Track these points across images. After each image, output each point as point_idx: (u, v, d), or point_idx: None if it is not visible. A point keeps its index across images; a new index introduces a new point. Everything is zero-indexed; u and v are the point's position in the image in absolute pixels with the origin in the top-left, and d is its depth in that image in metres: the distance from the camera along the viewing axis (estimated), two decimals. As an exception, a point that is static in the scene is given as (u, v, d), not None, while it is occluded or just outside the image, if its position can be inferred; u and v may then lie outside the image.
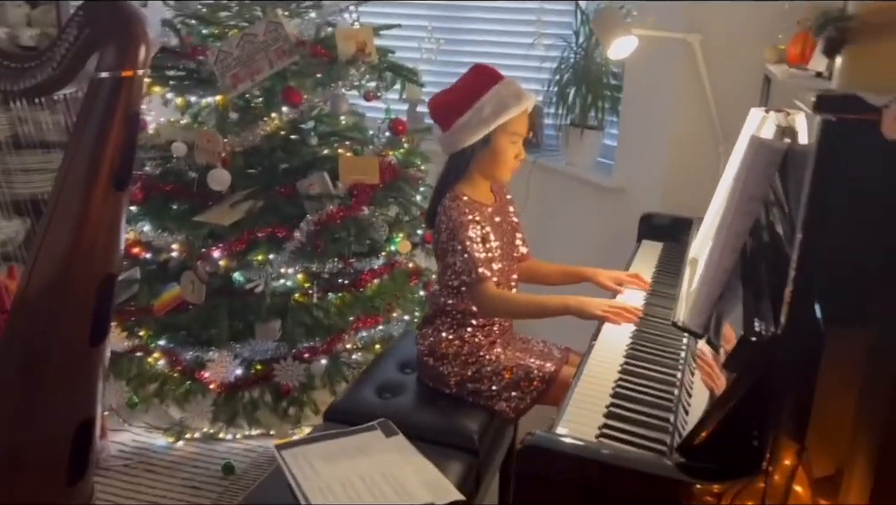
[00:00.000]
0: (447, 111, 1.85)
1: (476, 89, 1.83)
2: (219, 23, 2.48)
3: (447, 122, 1.85)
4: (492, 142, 1.84)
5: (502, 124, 1.82)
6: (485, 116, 1.80)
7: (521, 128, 1.87)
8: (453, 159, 1.89)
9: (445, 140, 1.88)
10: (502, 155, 1.86)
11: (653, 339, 1.62)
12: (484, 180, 1.93)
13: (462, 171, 1.87)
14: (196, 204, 2.38)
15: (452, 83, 1.93)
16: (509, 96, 1.82)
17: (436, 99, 1.90)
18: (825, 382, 0.93)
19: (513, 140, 1.86)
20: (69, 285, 1.61)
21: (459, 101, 1.83)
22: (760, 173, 1.19)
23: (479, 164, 1.87)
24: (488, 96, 1.81)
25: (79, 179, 1.58)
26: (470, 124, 1.81)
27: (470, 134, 1.82)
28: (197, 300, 2.30)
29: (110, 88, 1.54)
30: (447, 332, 1.90)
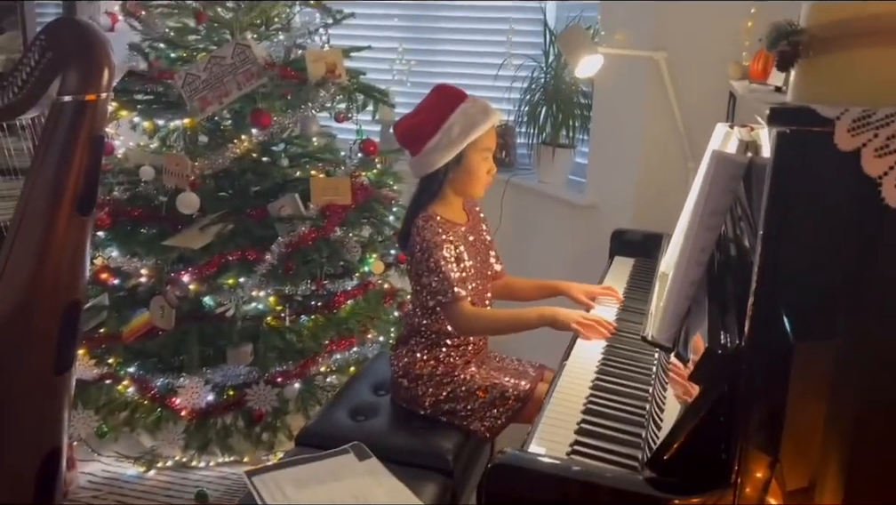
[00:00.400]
0: (415, 135, 1.85)
1: (442, 110, 1.83)
2: (187, 47, 2.48)
3: (416, 146, 1.85)
4: (464, 160, 1.84)
5: (472, 141, 1.82)
6: (455, 135, 1.81)
7: (490, 143, 1.88)
8: (426, 180, 1.89)
9: (417, 164, 1.87)
10: (475, 172, 1.86)
11: (625, 354, 1.63)
12: (456, 197, 1.93)
13: (436, 191, 1.88)
14: (166, 228, 2.36)
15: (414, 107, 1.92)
16: (476, 113, 1.83)
17: (402, 123, 1.89)
18: (795, 393, 0.93)
19: (484, 155, 1.87)
20: (33, 313, 1.58)
21: (426, 124, 1.83)
22: (722, 188, 1.20)
23: (453, 182, 1.88)
24: (455, 115, 1.81)
25: (42, 203, 1.55)
26: (441, 146, 1.81)
27: (441, 156, 1.82)
28: (167, 325, 2.27)
29: (73, 112, 1.52)
30: (421, 353, 1.89)
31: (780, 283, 0.91)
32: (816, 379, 0.93)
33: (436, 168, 1.84)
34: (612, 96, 2.80)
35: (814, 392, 0.93)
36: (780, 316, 0.91)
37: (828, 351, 0.92)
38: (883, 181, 0.83)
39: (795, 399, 0.93)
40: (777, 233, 0.88)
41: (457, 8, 3.58)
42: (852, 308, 0.90)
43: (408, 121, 1.88)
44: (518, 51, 3.38)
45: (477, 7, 3.53)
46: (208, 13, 2.43)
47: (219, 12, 2.47)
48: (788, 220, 0.88)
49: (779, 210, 0.88)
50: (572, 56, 2.34)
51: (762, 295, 0.92)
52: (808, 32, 0.90)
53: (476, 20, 3.55)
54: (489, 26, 3.52)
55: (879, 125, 0.82)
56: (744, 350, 0.94)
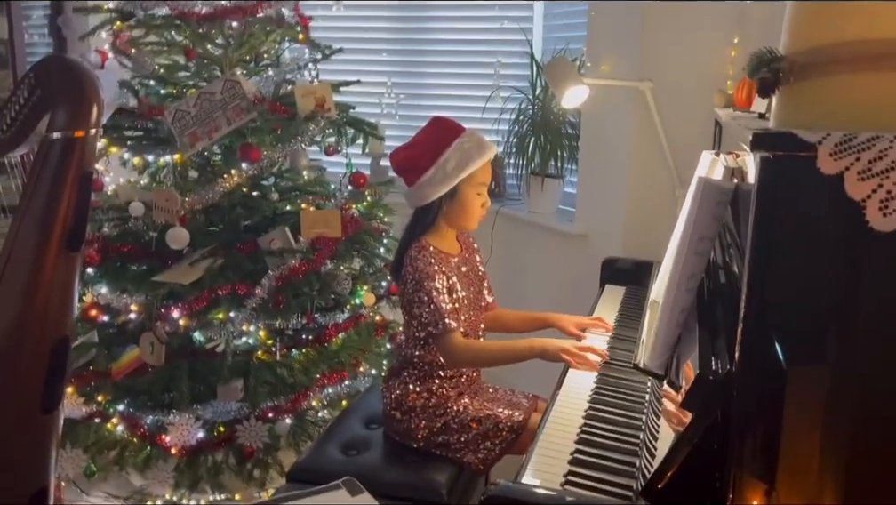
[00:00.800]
0: (410, 167, 1.86)
1: (438, 143, 1.84)
2: (177, 83, 2.50)
3: (411, 177, 1.86)
4: (458, 194, 1.85)
5: (467, 175, 1.83)
6: (449, 170, 1.81)
7: (485, 177, 1.89)
8: (420, 211, 1.89)
9: (411, 195, 1.88)
10: (469, 205, 1.87)
11: (617, 382, 1.62)
12: (450, 229, 1.93)
13: (430, 223, 1.88)
14: (155, 263, 2.35)
15: (412, 136, 1.94)
16: (472, 148, 1.83)
17: (397, 154, 1.90)
18: (789, 419, 0.92)
19: (478, 190, 1.88)
20: (19, 351, 1.56)
21: (421, 157, 1.84)
22: (709, 214, 1.20)
23: (447, 215, 1.88)
24: (451, 150, 1.82)
25: (30, 241, 1.54)
26: (435, 180, 1.82)
27: (436, 189, 1.83)
28: (157, 362, 2.25)
29: (62, 149, 1.52)
30: (414, 385, 1.88)
31: (769, 307, 0.91)
32: (809, 403, 0.92)
33: (429, 201, 1.84)
34: (600, 126, 2.83)
35: (807, 417, 0.93)
36: (770, 341, 0.91)
37: (820, 375, 0.92)
38: (866, 204, 0.83)
39: (788, 425, 0.93)
40: (764, 258, 0.89)
41: (445, 42, 3.63)
42: (843, 331, 0.90)
43: (404, 152, 1.89)
44: (506, 83, 3.42)
45: (465, 41, 3.58)
46: (198, 50, 2.45)
47: (208, 48, 2.50)
48: (775, 245, 0.88)
49: (764, 235, 0.88)
50: (558, 87, 2.36)
51: (751, 320, 0.91)
52: (788, 59, 0.91)
53: (464, 53, 3.60)
54: (476, 59, 3.56)
55: (861, 149, 0.83)
56: (735, 376, 0.94)
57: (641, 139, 2.63)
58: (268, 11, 2.46)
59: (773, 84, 0.90)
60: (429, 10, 3.62)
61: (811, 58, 0.89)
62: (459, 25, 3.59)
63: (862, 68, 0.86)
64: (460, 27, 3.58)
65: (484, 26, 3.53)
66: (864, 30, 0.87)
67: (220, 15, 2.38)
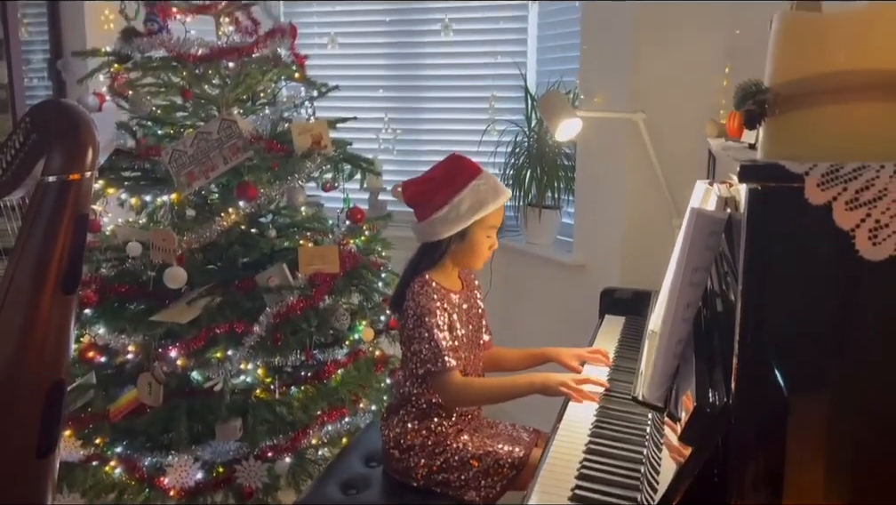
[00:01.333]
0: (424, 202, 1.84)
1: (454, 182, 1.83)
2: (174, 123, 2.52)
3: (423, 212, 1.85)
4: (468, 235, 1.84)
5: (480, 218, 1.82)
6: (463, 211, 1.80)
7: (497, 221, 1.89)
8: (427, 246, 1.88)
9: (421, 230, 1.87)
10: (478, 247, 1.87)
11: (618, 415, 1.60)
12: (454, 267, 1.93)
13: (435, 260, 1.87)
14: (153, 303, 2.34)
15: (426, 171, 1.91)
16: (487, 191, 1.83)
17: (411, 187, 1.88)
18: (789, 449, 0.91)
19: (488, 233, 1.87)
20: (14, 395, 1.55)
21: (436, 194, 1.82)
22: (703, 244, 1.20)
23: (454, 253, 1.87)
24: (467, 191, 1.81)
25: (26, 283, 1.54)
26: (448, 218, 1.81)
27: (447, 228, 1.81)
28: (155, 402, 2.23)
29: (57, 191, 1.53)
30: (412, 423, 1.86)
31: (764, 337, 0.91)
32: (807, 432, 0.92)
33: (439, 238, 1.83)
34: (595, 157, 2.84)
35: (808, 446, 0.92)
36: (765, 371, 0.90)
37: (817, 404, 0.91)
38: (855, 234, 0.83)
39: (789, 455, 0.92)
40: (756, 289, 0.88)
41: (440, 77, 3.67)
42: (838, 361, 0.89)
43: (419, 186, 1.87)
44: (501, 116, 3.46)
45: (460, 76, 3.62)
46: (195, 90, 2.47)
47: (205, 89, 2.52)
48: (766, 276, 0.88)
49: (756, 266, 0.88)
50: (551, 121, 2.38)
51: (746, 352, 0.91)
52: (773, 91, 0.92)
53: (459, 87, 3.63)
54: (472, 94, 3.60)
55: (848, 179, 0.83)
56: (732, 407, 0.93)
57: (636, 169, 2.64)
58: (264, 50, 2.49)
59: (759, 115, 0.91)
60: (424, 46, 3.67)
61: (795, 89, 0.90)
62: (453, 60, 3.63)
63: (846, 98, 0.87)
64: (455, 62, 3.63)
65: (478, 61, 3.57)
66: (847, 61, 0.88)
67: (216, 56, 2.40)
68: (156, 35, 2.38)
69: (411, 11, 3.68)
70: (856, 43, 0.88)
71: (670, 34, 2.56)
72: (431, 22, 3.61)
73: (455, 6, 3.55)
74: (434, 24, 3.59)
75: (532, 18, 3.46)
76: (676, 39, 2.57)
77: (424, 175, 1.90)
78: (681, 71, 2.58)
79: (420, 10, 3.65)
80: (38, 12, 3.47)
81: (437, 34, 3.58)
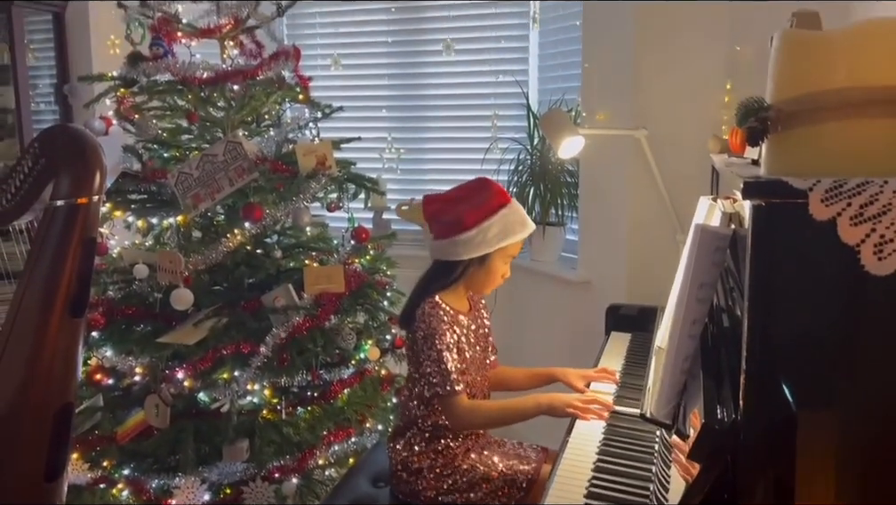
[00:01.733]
0: (447, 220, 1.82)
1: (486, 206, 1.81)
2: (179, 146, 2.54)
3: (444, 230, 1.83)
4: (487, 261, 1.84)
5: (502, 247, 1.82)
6: (490, 237, 1.79)
7: (516, 252, 1.89)
8: (442, 265, 1.86)
9: (440, 248, 1.84)
10: (494, 274, 1.87)
11: (626, 432, 1.60)
12: (464, 289, 1.92)
13: (450, 282, 1.85)
14: (160, 325, 2.35)
15: (451, 189, 1.89)
16: (516, 222, 1.83)
17: (435, 204, 1.86)
18: (799, 465, 0.91)
19: (506, 261, 1.88)
20: (23, 419, 1.55)
21: (467, 215, 1.80)
22: (708, 260, 1.21)
23: (469, 277, 1.86)
24: (496, 218, 1.80)
25: (34, 307, 1.55)
26: (474, 242, 1.79)
27: (469, 251, 1.80)
28: (162, 424, 2.23)
29: (65, 215, 1.54)
30: (419, 445, 1.85)
31: (771, 353, 0.91)
32: (817, 448, 0.91)
33: (460, 258, 1.82)
34: (598, 174, 2.86)
35: (818, 461, 0.91)
36: (774, 386, 0.90)
37: (826, 419, 0.91)
38: (861, 249, 0.84)
39: (799, 470, 0.91)
40: (762, 305, 0.89)
41: (442, 97, 3.70)
42: (847, 375, 0.89)
43: (443, 203, 1.85)
44: (503, 134, 3.48)
45: (462, 95, 3.65)
46: (200, 113, 2.49)
47: (210, 111, 2.54)
48: (772, 292, 0.88)
49: (762, 282, 0.89)
50: (553, 139, 2.40)
51: (753, 367, 0.91)
52: (775, 108, 0.93)
53: (462, 107, 3.66)
54: (474, 112, 3.62)
55: (851, 195, 0.84)
56: (740, 424, 0.93)
57: (639, 185, 2.65)
58: (269, 73, 2.52)
59: (761, 132, 0.92)
60: (426, 66, 3.70)
61: (797, 106, 0.90)
62: (455, 80, 3.66)
63: (848, 115, 0.88)
64: (457, 81, 3.66)
65: (480, 80, 3.60)
66: (847, 78, 0.89)
67: (221, 79, 2.43)
68: (162, 59, 2.41)
69: (413, 32, 3.71)
70: (856, 59, 0.89)
71: (671, 50, 2.58)
72: (433, 43, 3.64)
73: (456, 27, 3.59)
74: (436, 44, 3.63)
75: (532, 37, 3.49)
76: (678, 55, 2.58)
77: (449, 193, 1.88)
78: (682, 87, 2.59)
79: (421, 31, 3.69)
80: (45, 38, 3.51)
81: (439, 54, 3.61)
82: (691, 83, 2.59)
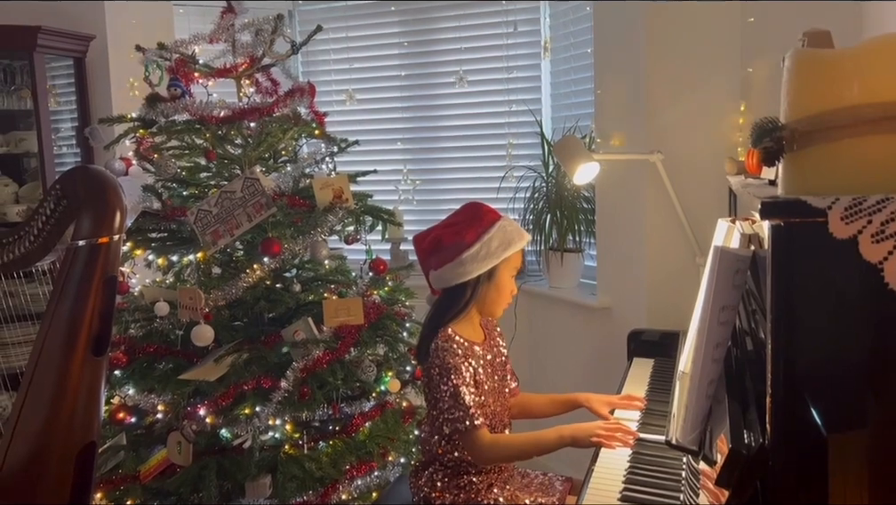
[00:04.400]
0: (452, 242, 1.82)
1: (480, 222, 1.83)
2: (198, 184, 2.57)
3: (446, 256, 1.81)
4: (496, 275, 1.83)
5: (506, 258, 1.82)
6: (493, 248, 1.80)
7: (520, 262, 1.89)
8: (451, 293, 1.84)
9: (447, 273, 1.81)
10: (504, 288, 1.86)
11: (651, 460, 1.57)
12: (476, 315, 1.91)
13: (462, 308, 1.83)
14: (181, 361, 2.36)
15: (440, 221, 1.91)
16: (513, 231, 1.84)
17: (431, 233, 1.86)
18: (835, 488, 0.89)
19: (512, 274, 1.87)
20: (47, 458, 1.56)
21: (464, 234, 1.81)
22: (728, 283, 1.19)
23: (480, 297, 1.84)
24: (495, 230, 1.81)
25: (57, 347, 1.57)
26: (479, 256, 1.79)
27: (478, 266, 1.79)
28: (185, 461, 2.23)
29: (87, 255, 1.56)
30: (441, 482, 1.83)
31: (797, 375, 0.89)
32: (848, 471, 0.89)
33: (469, 277, 1.80)
34: (614, 199, 2.85)
35: (850, 485, 0.89)
36: (801, 409, 0.89)
37: (857, 440, 0.89)
38: (884, 266, 0.83)
39: (831, 494, 0.89)
40: (785, 326, 0.87)
41: (456, 128, 3.73)
42: (875, 394, 0.87)
43: (440, 231, 1.86)
44: (518, 162, 3.49)
45: (476, 126, 3.67)
46: (218, 151, 2.53)
47: (228, 149, 2.58)
48: (794, 312, 0.87)
49: (784, 302, 0.87)
50: (568, 165, 2.40)
51: (779, 389, 0.89)
52: (789, 127, 0.92)
53: (476, 137, 3.68)
54: (488, 142, 3.64)
55: (872, 212, 0.83)
56: (768, 448, 0.91)
57: (657, 209, 2.64)
58: (285, 109, 2.55)
59: (777, 152, 0.91)
60: (440, 98, 3.74)
61: (812, 125, 0.90)
62: (469, 111, 3.69)
63: (863, 131, 0.87)
64: (471, 112, 3.69)
65: (493, 110, 3.62)
66: (861, 95, 0.88)
67: (238, 117, 2.47)
68: (180, 99, 2.45)
69: (425, 65, 3.76)
70: (869, 75, 0.88)
71: (684, 74, 2.59)
72: (446, 75, 3.68)
73: (469, 58, 3.63)
74: (448, 77, 3.66)
75: (544, 66, 3.51)
76: (690, 79, 2.59)
77: (440, 223, 1.89)
78: (696, 110, 2.59)
79: (434, 63, 3.73)
80: (66, 83, 3.59)
81: (452, 86, 3.65)
82: (704, 105, 2.59)
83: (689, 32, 2.57)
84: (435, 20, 3.71)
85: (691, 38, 2.57)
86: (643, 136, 2.64)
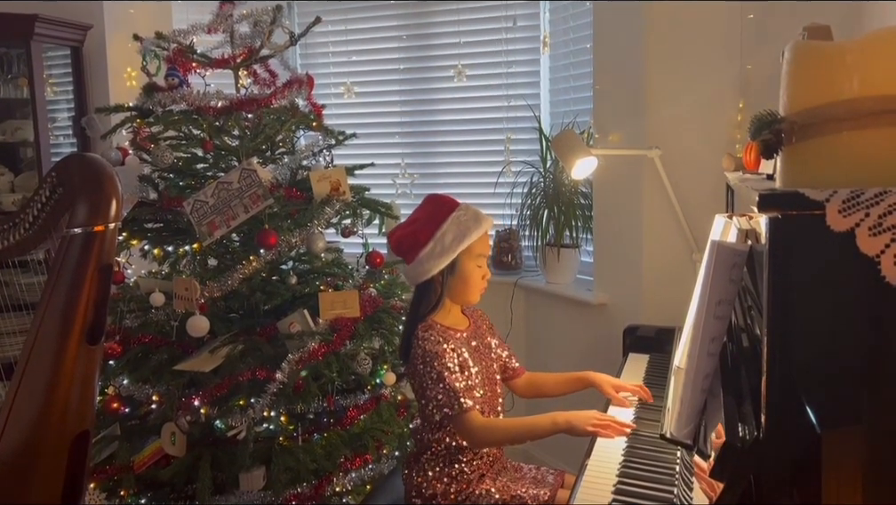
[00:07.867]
0: (410, 244, 1.86)
1: (435, 218, 1.85)
2: (195, 174, 2.56)
3: (410, 254, 1.86)
4: (458, 267, 1.85)
5: (466, 248, 1.83)
6: (448, 243, 1.82)
7: (484, 249, 1.89)
8: (422, 289, 1.88)
9: (412, 272, 1.87)
10: (469, 278, 1.87)
11: (646, 454, 1.57)
12: (454, 304, 1.92)
13: (434, 302, 1.87)
14: (176, 352, 2.36)
15: (408, 217, 1.94)
16: (468, 220, 1.84)
17: (395, 233, 1.91)
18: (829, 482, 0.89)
19: (478, 262, 1.87)
20: (41, 446, 1.56)
21: (419, 233, 1.84)
22: (725, 277, 1.19)
23: (449, 289, 1.87)
24: (448, 224, 1.83)
25: (51, 335, 1.56)
26: (434, 253, 1.82)
27: (435, 263, 1.82)
28: (179, 452, 2.23)
29: (82, 243, 1.56)
30: (434, 471, 1.83)
31: (792, 368, 0.89)
32: (842, 465, 0.89)
33: (430, 276, 1.83)
34: (612, 194, 2.85)
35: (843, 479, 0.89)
36: (796, 402, 0.89)
37: (851, 434, 0.89)
38: (881, 259, 0.82)
39: (824, 488, 0.89)
40: (781, 318, 0.87)
41: (455, 122, 3.72)
42: (870, 388, 0.87)
43: (402, 230, 1.89)
44: (516, 157, 3.48)
45: (474, 120, 3.66)
46: (215, 142, 2.52)
47: (225, 140, 2.57)
48: (791, 305, 0.87)
49: (780, 295, 0.87)
50: (566, 160, 2.39)
51: (774, 383, 0.89)
52: (788, 120, 0.92)
53: (474, 131, 3.67)
54: (486, 136, 3.64)
55: (869, 205, 0.83)
56: (763, 441, 0.91)
57: (654, 205, 2.64)
58: (282, 101, 2.54)
59: (776, 144, 0.91)
60: (438, 92, 3.73)
61: (810, 118, 0.90)
62: (468, 105, 3.68)
63: (862, 124, 0.87)
64: (469, 106, 3.68)
65: (492, 105, 3.62)
66: (860, 88, 0.88)
67: (235, 108, 2.46)
68: (177, 89, 2.44)
69: (425, 59, 3.75)
70: (869, 68, 0.88)
71: (683, 70, 2.59)
72: (444, 69, 3.67)
73: (467, 52, 3.62)
74: (447, 71, 3.65)
75: (543, 61, 3.51)
76: (689, 75, 2.59)
77: (406, 220, 1.92)
78: (695, 107, 2.59)
79: (432, 57, 3.72)
80: (63, 73, 3.58)
81: (451, 80, 3.64)
82: (703, 102, 2.58)
83: (688, 28, 2.57)
84: (434, 14, 3.70)
85: (690, 35, 2.57)
86: (641, 132, 2.64)
